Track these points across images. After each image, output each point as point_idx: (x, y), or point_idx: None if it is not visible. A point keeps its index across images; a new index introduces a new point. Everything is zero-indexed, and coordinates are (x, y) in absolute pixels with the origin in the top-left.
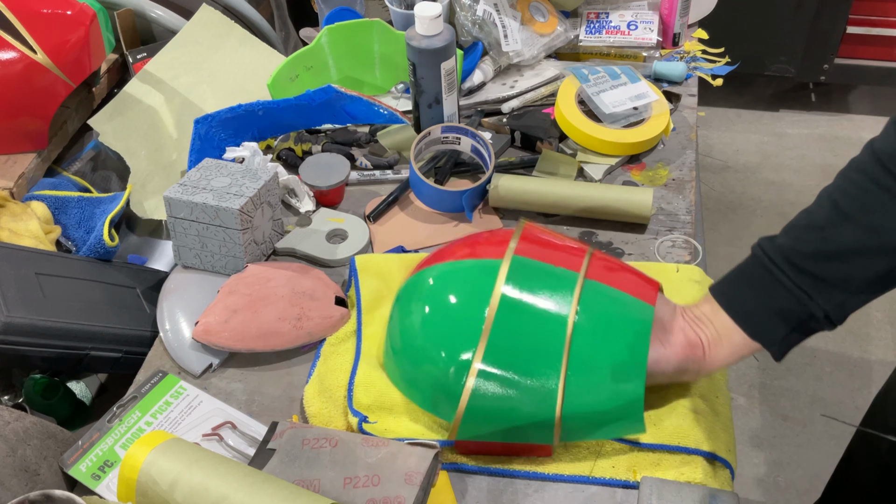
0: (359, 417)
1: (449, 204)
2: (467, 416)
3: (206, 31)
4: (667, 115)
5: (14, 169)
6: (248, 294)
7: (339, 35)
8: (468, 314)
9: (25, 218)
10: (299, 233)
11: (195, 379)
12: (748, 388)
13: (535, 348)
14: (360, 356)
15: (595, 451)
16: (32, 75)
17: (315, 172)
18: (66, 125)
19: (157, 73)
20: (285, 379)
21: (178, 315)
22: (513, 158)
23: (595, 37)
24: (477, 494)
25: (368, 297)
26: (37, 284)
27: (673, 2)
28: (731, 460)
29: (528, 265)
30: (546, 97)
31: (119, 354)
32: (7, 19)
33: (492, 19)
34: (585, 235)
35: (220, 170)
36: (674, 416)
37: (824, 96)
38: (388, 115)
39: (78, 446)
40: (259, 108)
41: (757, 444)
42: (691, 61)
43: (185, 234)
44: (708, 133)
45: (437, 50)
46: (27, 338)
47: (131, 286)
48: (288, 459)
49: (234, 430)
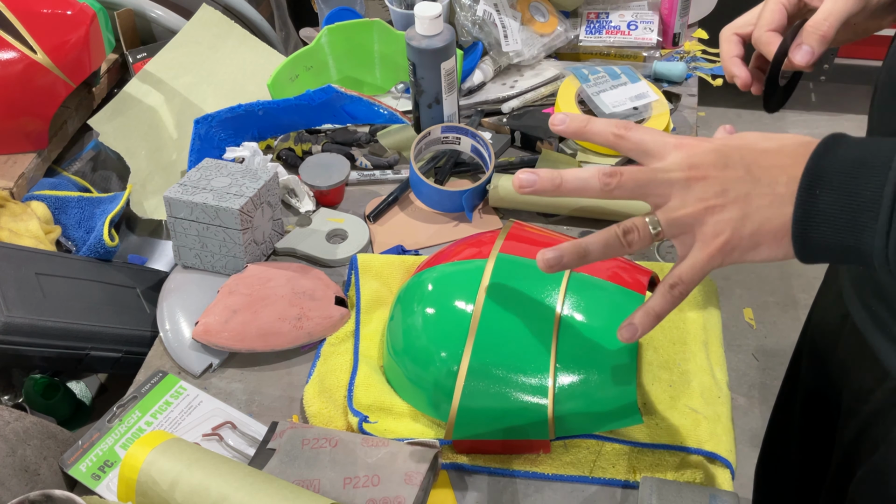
0: (359, 417)
1: (449, 204)
2: (461, 416)
3: (206, 31)
4: (667, 115)
5: (14, 169)
6: (248, 294)
7: (339, 35)
8: (460, 314)
9: (25, 218)
10: (299, 233)
11: (195, 379)
12: (748, 388)
13: (523, 343)
14: (358, 356)
15: (595, 451)
16: (32, 75)
17: (315, 172)
18: (66, 125)
19: (157, 73)
20: (285, 379)
21: (178, 315)
22: (513, 158)
23: (595, 37)
24: (477, 494)
25: (368, 298)
26: (37, 284)
27: (673, 2)
28: (731, 460)
29: (513, 262)
30: (546, 97)
31: (119, 354)
32: (7, 19)
33: (492, 19)
34: (585, 235)
35: (220, 170)
36: (674, 416)
37: (824, 96)
38: (388, 115)
39: (78, 446)
40: (259, 108)
41: (757, 444)
42: (691, 61)
43: (185, 234)
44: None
45: (437, 50)
46: (27, 338)
47: (131, 286)
48: (288, 459)
49: (234, 430)
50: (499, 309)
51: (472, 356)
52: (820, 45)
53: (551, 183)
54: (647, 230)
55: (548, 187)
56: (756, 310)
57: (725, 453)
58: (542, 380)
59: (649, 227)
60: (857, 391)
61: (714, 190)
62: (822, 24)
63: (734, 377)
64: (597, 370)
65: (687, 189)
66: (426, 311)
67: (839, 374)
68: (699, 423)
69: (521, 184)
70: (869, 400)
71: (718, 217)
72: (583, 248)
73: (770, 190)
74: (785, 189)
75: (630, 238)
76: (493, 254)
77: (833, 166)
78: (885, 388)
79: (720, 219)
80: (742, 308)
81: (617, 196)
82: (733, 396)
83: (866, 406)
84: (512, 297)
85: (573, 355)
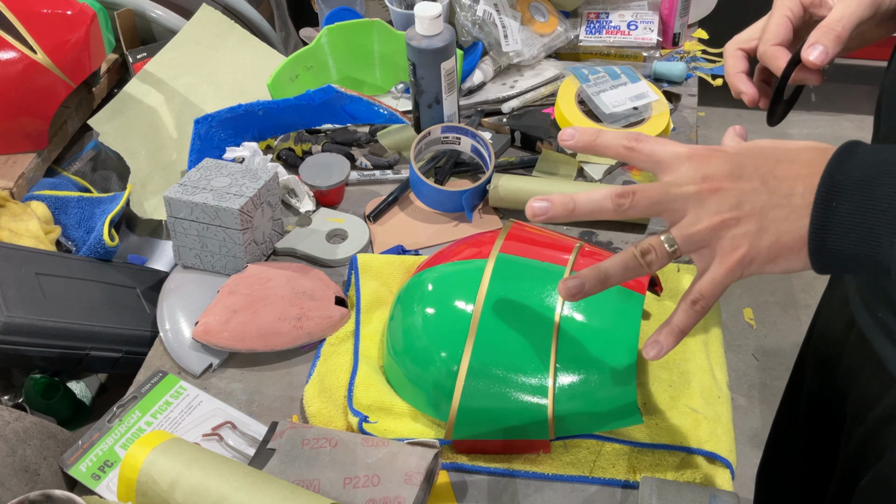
0: (359, 417)
1: (449, 204)
2: (461, 416)
3: (206, 31)
4: (667, 115)
5: (14, 169)
6: (248, 294)
7: (339, 35)
8: (460, 314)
9: (25, 218)
10: (299, 233)
11: (195, 379)
12: (748, 388)
13: (523, 343)
14: (358, 356)
15: (595, 450)
16: (32, 75)
17: (315, 172)
18: (66, 125)
19: (157, 73)
20: (285, 379)
21: (178, 315)
22: (513, 158)
23: (595, 37)
24: (477, 494)
25: (368, 298)
26: (37, 284)
27: (673, 2)
28: (731, 460)
29: (513, 262)
30: (546, 97)
31: (119, 354)
32: (7, 19)
33: (492, 19)
34: (585, 235)
35: (220, 170)
36: (674, 416)
37: (824, 96)
38: (388, 115)
39: (78, 446)
40: (259, 108)
41: (757, 444)
42: (691, 61)
43: (185, 234)
44: (708, 133)
45: (437, 50)
46: (27, 338)
47: (131, 286)
48: (288, 459)
49: (234, 430)
50: (499, 309)
51: (472, 356)
52: (834, 45)
53: (564, 208)
54: (664, 249)
55: (561, 213)
56: (756, 310)
57: (725, 453)
58: (542, 380)
59: (665, 246)
60: (862, 398)
61: (729, 203)
62: (836, 24)
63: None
64: (597, 370)
65: (701, 203)
66: (426, 311)
67: (845, 381)
68: (699, 423)
69: (535, 213)
70: (875, 407)
71: (735, 231)
72: (603, 273)
73: (787, 201)
74: (801, 201)
75: (648, 259)
76: (493, 254)
77: (849, 177)
78: (892, 396)
79: (737, 232)
80: (742, 308)
81: (632, 216)
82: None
83: (872, 413)
84: (512, 297)
85: (573, 355)
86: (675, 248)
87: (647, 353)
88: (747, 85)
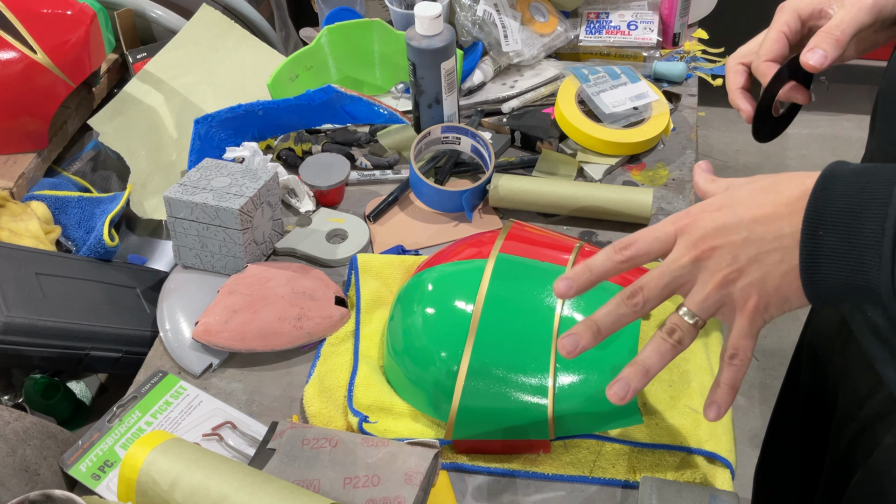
0: (359, 417)
1: (449, 204)
2: (461, 416)
3: (206, 31)
4: (667, 115)
5: (14, 169)
6: (248, 294)
7: (339, 35)
8: (461, 314)
9: (25, 218)
10: (299, 233)
11: (195, 379)
12: (748, 388)
13: (523, 343)
14: (358, 356)
15: (595, 451)
16: (32, 75)
17: (315, 172)
18: (66, 125)
19: (157, 73)
20: (285, 379)
21: (178, 315)
22: (513, 158)
23: (595, 37)
24: (477, 494)
25: (368, 298)
26: (37, 284)
27: (673, 2)
28: (731, 460)
29: (513, 262)
30: (546, 97)
31: (119, 354)
32: (7, 19)
33: (492, 19)
34: (585, 235)
35: (220, 170)
36: (674, 416)
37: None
38: (388, 115)
39: (78, 446)
40: (259, 108)
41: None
42: (691, 61)
43: (185, 234)
44: (708, 133)
45: (437, 50)
46: (27, 338)
47: (131, 286)
48: (288, 459)
49: (234, 430)
50: (499, 309)
51: (472, 356)
52: (834, 49)
53: (591, 333)
54: (687, 324)
55: (591, 339)
56: None
57: (725, 453)
58: (543, 380)
59: (687, 319)
60: (853, 396)
61: (726, 259)
62: (836, 29)
63: None
64: (597, 370)
65: (700, 269)
66: (426, 311)
67: (837, 379)
68: (699, 423)
69: (568, 349)
70: (864, 405)
71: (740, 283)
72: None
73: (778, 244)
74: (790, 240)
75: (677, 337)
76: (494, 254)
77: (832, 205)
78: (880, 395)
79: (743, 284)
80: None
81: (652, 307)
82: None
83: (862, 411)
84: (512, 297)
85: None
86: (696, 319)
87: (709, 416)
88: (745, 102)
